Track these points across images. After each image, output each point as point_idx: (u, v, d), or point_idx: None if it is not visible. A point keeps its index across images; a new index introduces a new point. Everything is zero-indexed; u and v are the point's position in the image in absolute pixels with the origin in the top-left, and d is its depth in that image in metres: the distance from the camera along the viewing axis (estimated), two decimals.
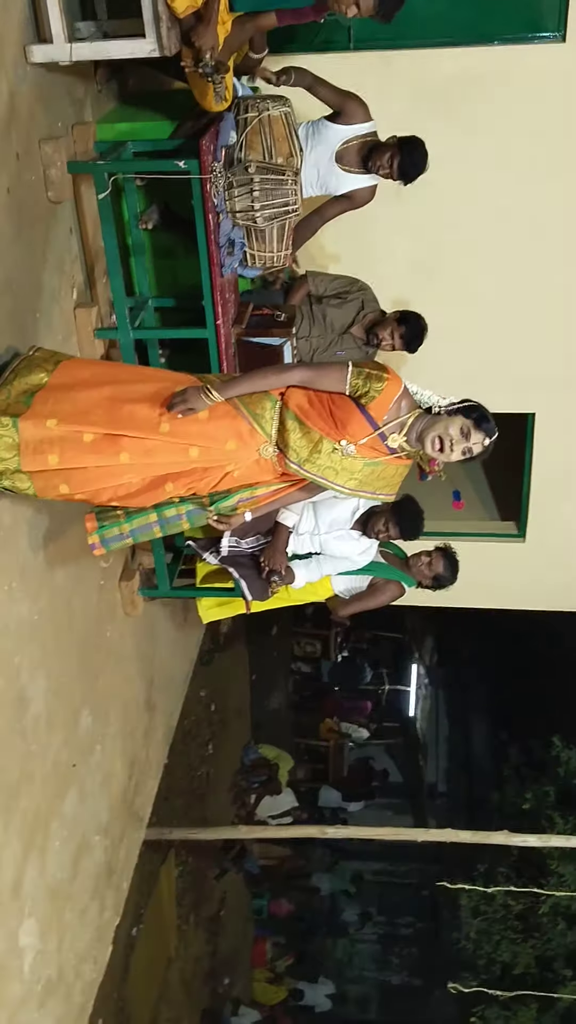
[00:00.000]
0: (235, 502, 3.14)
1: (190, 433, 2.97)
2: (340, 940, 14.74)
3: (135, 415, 2.94)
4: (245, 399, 3.03)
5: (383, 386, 2.95)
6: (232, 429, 3.00)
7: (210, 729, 8.98)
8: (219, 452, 3.01)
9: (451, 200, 5.07)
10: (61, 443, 2.90)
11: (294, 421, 2.99)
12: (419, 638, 14.71)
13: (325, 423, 2.98)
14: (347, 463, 3.00)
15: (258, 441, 3.02)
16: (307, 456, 3.00)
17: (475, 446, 2.95)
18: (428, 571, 4.39)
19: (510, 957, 9.26)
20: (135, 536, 3.21)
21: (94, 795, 4.24)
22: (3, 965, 3.35)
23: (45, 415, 2.90)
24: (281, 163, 3.65)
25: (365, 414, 2.97)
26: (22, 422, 2.88)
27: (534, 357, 5.53)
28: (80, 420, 2.91)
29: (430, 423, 2.95)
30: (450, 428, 2.91)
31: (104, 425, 2.92)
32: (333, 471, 3.02)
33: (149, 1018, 7.44)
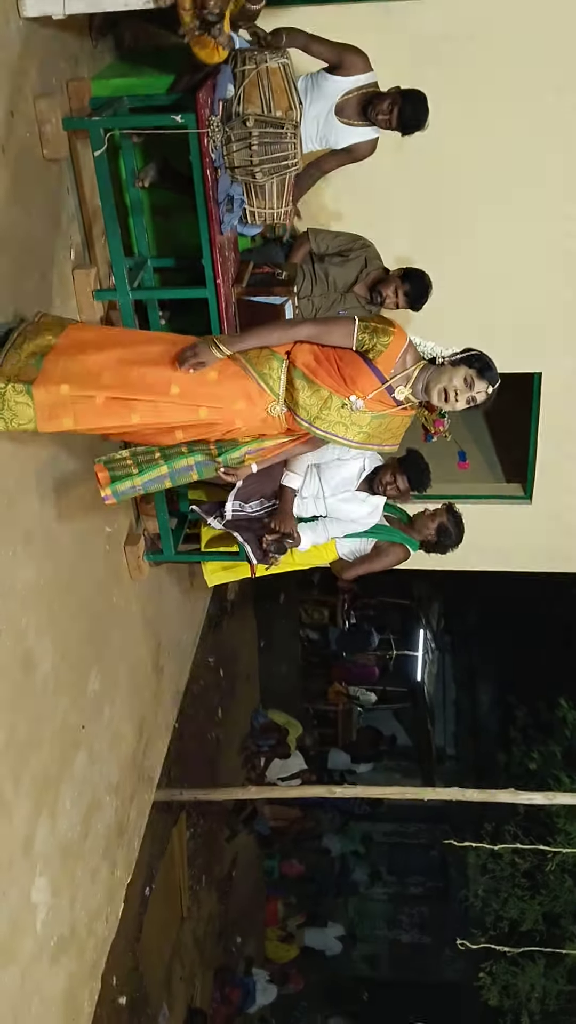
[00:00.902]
0: (242, 454, 3.22)
1: (199, 395, 3.03)
2: (350, 899, 14.93)
3: (145, 378, 2.99)
4: (252, 359, 3.07)
5: (390, 340, 3.01)
6: (241, 389, 3.06)
7: (219, 694, 9.03)
8: (228, 411, 3.07)
9: (455, 155, 4.98)
10: (75, 407, 2.97)
11: (302, 380, 3.04)
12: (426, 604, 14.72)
13: (334, 380, 3.03)
14: (356, 417, 3.07)
15: (266, 400, 3.08)
16: (317, 413, 3.07)
17: (479, 395, 3.02)
18: (431, 523, 4.37)
19: (518, 914, 9.39)
20: (146, 487, 3.28)
21: (103, 756, 4.28)
22: (16, 921, 3.39)
23: (57, 380, 2.94)
24: (280, 116, 3.58)
25: (372, 368, 3.02)
26: (35, 388, 2.92)
27: (540, 316, 5.47)
28: (91, 384, 2.96)
29: (435, 374, 3.03)
30: (454, 379, 2.99)
31: (115, 389, 2.97)
32: (343, 426, 3.09)
33: (162, 976, 7.56)
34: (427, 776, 14.65)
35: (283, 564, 4.62)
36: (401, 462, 4.22)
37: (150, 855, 6.83)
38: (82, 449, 3.93)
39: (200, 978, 8.92)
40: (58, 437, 3.67)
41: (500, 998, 9.50)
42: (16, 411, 2.93)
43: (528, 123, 4.96)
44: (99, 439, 3.49)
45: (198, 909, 8.71)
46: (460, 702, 16.54)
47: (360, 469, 4.27)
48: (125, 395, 2.98)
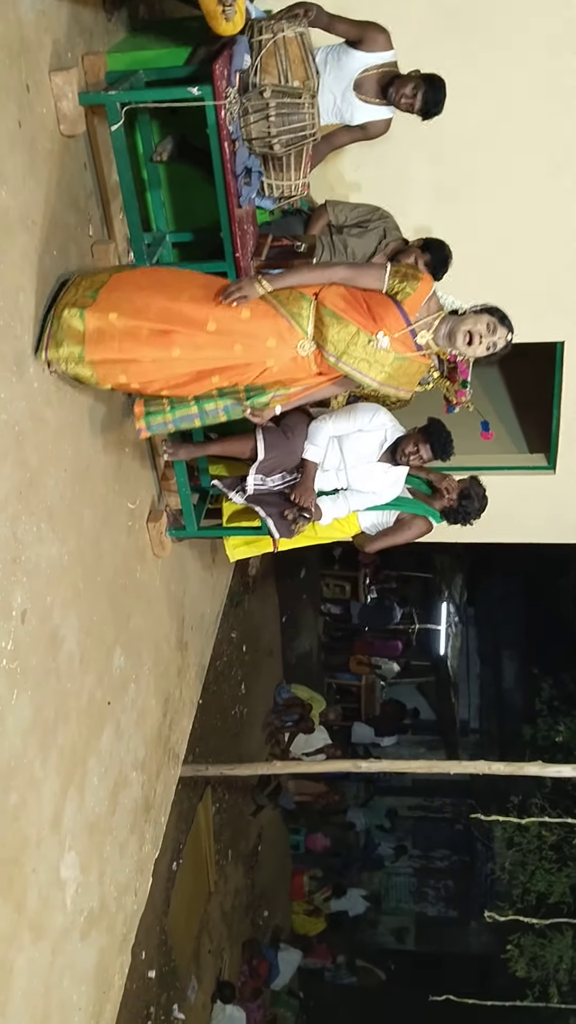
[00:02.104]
0: (269, 399, 3.45)
1: (235, 331, 3.29)
2: (376, 873, 15.04)
3: (184, 312, 3.27)
4: (283, 300, 3.33)
5: (418, 284, 3.30)
6: (272, 328, 3.31)
7: (242, 670, 9.08)
8: (261, 349, 3.32)
9: (473, 123, 4.90)
10: (121, 335, 3.25)
11: (331, 317, 3.28)
12: (448, 577, 14.70)
13: (363, 317, 3.28)
14: (380, 356, 3.31)
15: (296, 338, 3.32)
16: (344, 349, 3.29)
17: (499, 340, 3.35)
18: (454, 488, 4.36)
19: (545, 886, 9.41)
20: (177, 424, 3.59)
21: (129, 732, 4.30)
22: (46, 897, 3.43)
23: (108, 309, 3.24)
24: (297, 86, 3.54)
25: (400, 310, 3.29)
26: (88, 313, 3.22)
27: (562, 284, 5.39)
28: (138, 315, 3.25)
29: (459, 321, 3.34)
30: (478, 324, 3.31)
31: (159, 321, 3.25)
32: (367, 363, 3.32)
33: (191, 949, 7.66)
34: (451, 749, 14.69)
35: (305, 538, 4.62)
36: (423, 431, 4.22)
37: (177, 830, 6.90)
38: (105, 425, 3.93)
39: (228, 951, 9.03)
40: (84, 408, 3.67)
41: (528, 970, 9.54)
42: (67, 333, 3.21)
43: (547, 88, 4.88)
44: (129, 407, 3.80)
45: (225, 883, 8.80)
46: (484, 675, 16.55)
47: (382, 440, 4.25)
48: (167, 327, 3.25)
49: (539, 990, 9.53)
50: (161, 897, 6.65)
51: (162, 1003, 6.81)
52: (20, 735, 3.18)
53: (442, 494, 4.43)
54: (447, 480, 4.44)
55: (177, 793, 5.42)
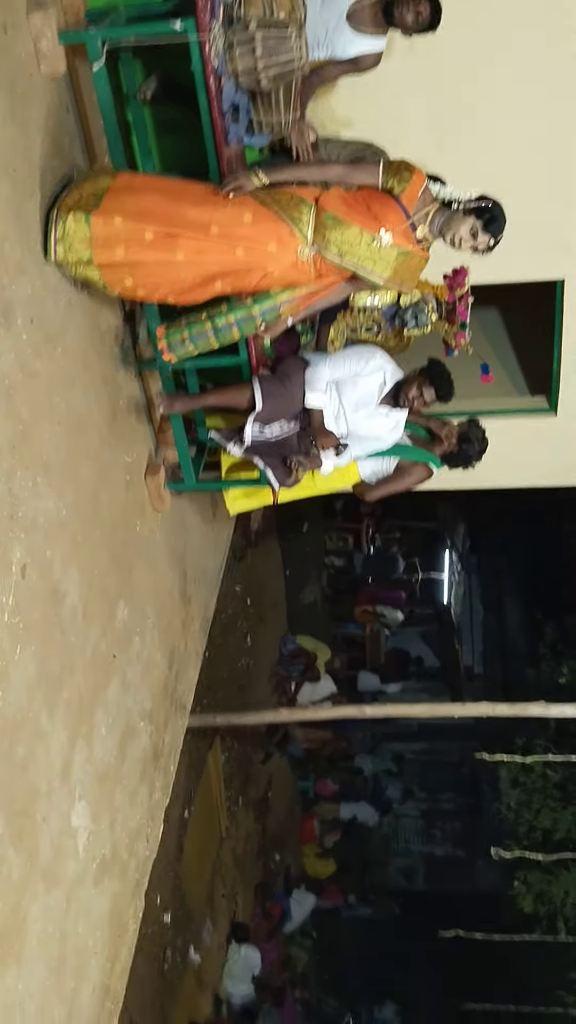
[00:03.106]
0: (277, 304, 3.59)
1: (236, 235, 3.38)
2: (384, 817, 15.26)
3: (188, 216, 3.35)
4: (284, 205, 3.41)
5: (412, 176, 3.42)
6: (273, 232, 3.40)
7: (247, 623, 9.12)
8: (262, 253, 3.41)
9: (469, 53, 4.76)
10: (127, 239, 3.34)
11: (333, 220, 3.39)
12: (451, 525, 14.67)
13: (364, 216, 3.38)
14: (384, 253, 3.43)
15: (296, 242, 3.42)
16: (348, 249, 3.42)
17: (480, 244, 3.50)
18: (453, 432, 4.33)
19: (551, 824, 9.56)
20: (195, 342, 3.75)
21: (136, 684, 4.32)
22: (59, 846, 3.47)
23: (113, 212, 3.32)
24: (283, 17, 3.41)
25: (399, 203, 3.40)
26: (93, 217, 3.30)
27: (562, 221, 5.28)
28: (142, 218, 3.33)
29: (448, 219, 3.48)
30: (462, 228, 3.47)
31: (163, 224, 3.33)
32: (371, 260, 3.45)
33: (205, 893, 7.81)
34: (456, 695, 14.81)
35: (305, 489, 4.59)
36: (425, 372, 4.16)
37: (187, 779, 6.99)
38: (98, 378, 3.88)
39: (241, 895, 9.21)
40: (77, 362, 3.62)
41: (535, 905, 9.73)
42: (75, 237, 3.30)
43: (545, 14, 4.72)
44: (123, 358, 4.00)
45: (236, 829, 8.94)
46: (487, 621, 16.60)
47: (381, 382, 4.20)
48: (171, 230, 3.34)
49: (546, 924, 9.72)
50: (174, 844, 6.76)
51: (178, 945, 6.96)
52: (25, 689, 3.19)
53: (441, 440, 4.38)
54: (447, 427, 4.39)
55: (187, 743, 5.48)
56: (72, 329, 3.61)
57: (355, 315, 4.49)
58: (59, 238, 3.32)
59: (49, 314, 3.41)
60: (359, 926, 13.78)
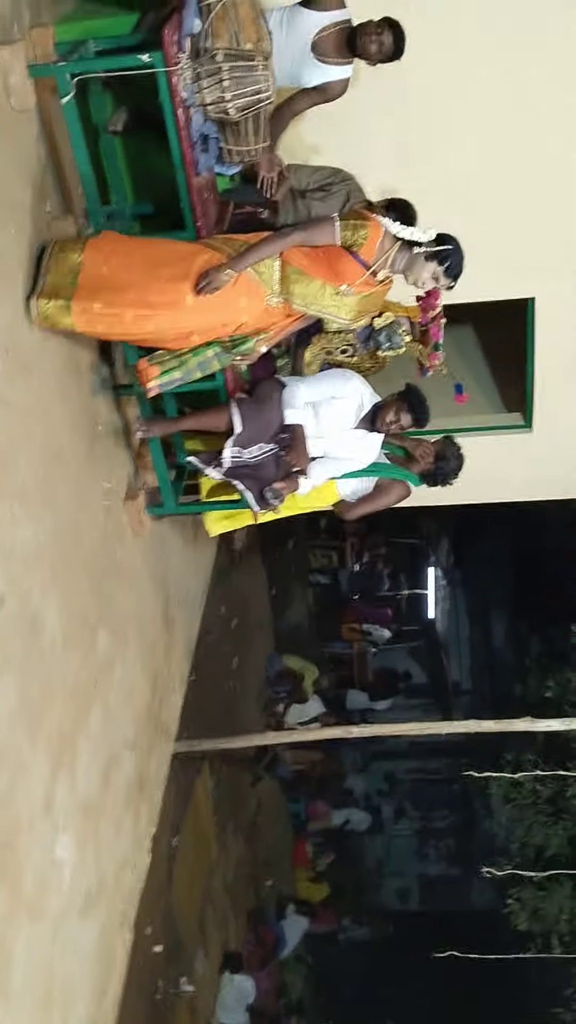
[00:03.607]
0: (253, 343, 3.80)
1: (210, 302, 3.58)
2: (377, 836, 15.19)
3: (164, 294, 3.55)
4: None
5: (368, 232, 3.59)
6: (243, 287, 3.61)
7: (233, 644, 9.08)
8: (235, 309, 3.65)
9: (434, 78, 4.83)
10: (107, 319, 3.56)
11: (297, 275, 3.61)
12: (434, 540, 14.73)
13: (326, 271, 3.60)
14: (346, 301, 3.68)
15: (264, 293, 3.65)
16: (312, 300, 3.67)
17: (441, 287, 3.75)
18: (429, 452, 4.36)
19: (542, 840, 9.51)
20: (183, 370, 3.87)
21: (118, 711, 4.30)
22: (43, 879, 3.44)
23: (91, 298, 3.51)
24: (250, 48, 3.46)
25: (358, 259, 3.59)
26: (73, 303, 3.49)
27: (530, 240, 5.36)
28: (119, 301, 3.53)
29: (409, 263, 3.68)
30: (423, 273, 3.68)
31: (139, 307, 3.54)
32: (335, 307, 3.69)
33: (196, 921, 7.72)
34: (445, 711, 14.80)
35: (285, 509, 4.59)
36: (403, 397, 4.20)
37: (175, 806, 6.92)
38: (75, 405, 3.88)
39: (233, 922, 9.12)
40: (52, 390, 3.63)
41: (529, 923, 9.67)
42: (56, 319, 3.51)
43: (509, 38, 4.81)
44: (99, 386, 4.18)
45: (227, 855, 8.86)
46: (473, 636, 16.63)
47: (358, 405, 4.23)
48: (147, 312, 3.55)
49: (541, 942, 9.66)
50: (163, 873, 6.69)
51: (170, 976, 6.88)
52: (6, 719, 3.17)
53: (418, 460, 4.41)
54: (421, 447, 4.42)
55: (174, 769, 5.44)
56: (48, 357, 3.63)
57: (330, 337, 4.53)
58: (42, 316, 3.50)
59: (24, 343, 3.43)
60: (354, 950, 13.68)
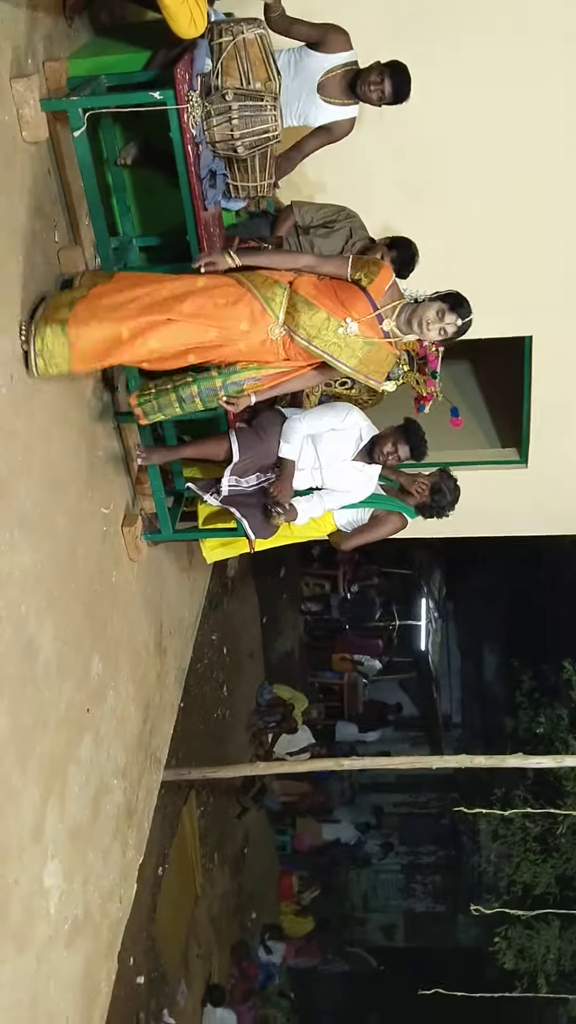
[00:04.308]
0: (243, 379, 3.68)
1: (211, 316, 3.46)
2: (364, 871, 15.06)
3: (162, 305, 3.45)
4: (259, 285, 3.53)
5: (379, 271, 3.56)
6: (247, 311, 3.50)
7: (223, 672, 9.07)
8: (235, 331, 3.52)
9: (436, 120, 4.93)
10: (105, 343, 3.41)
11: (303, 303, 3.52)
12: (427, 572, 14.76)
13: (332, 303, 3.52)
14: (350, 341, 3.55)
15: (267, 322, 3.52)
16: (315, 334, 3.53)
17: (448, 326, 3.59)
18: (425, 485, 4.39)
19: (531, 877, 9.46)
20: (163, 411, 3.81)
21: (109, 739, 4.29)
22: (29, 907, 3.41)
23: (87, 318, 3.38)
24: (259, 88, 3.53)
25: (366, 295, 3.53)
26: (69, 328, 3.35)
27: (529, 279, 5.43)
28: (117, 318, 3.40)
29: (415, 308, 3.60)
30: (429, 311, 3.57)
31: (137, 316, 3.40)
32: (338, 347, 3.56)
33: (179, 954, 7.65)
34: (435, 744, 14.75)
35: (281, 538, 4.62)
36: (400, 430, 4.23)
37: (162, 835, 6.89)
38: (76, 432, 3.91)
39: (217, 955, 9.03)
40: (54, 416, 3.66)
41: (516, 961, 9.59)
42: (53, 350, 3.34)
43: (509, 85, 4.91)
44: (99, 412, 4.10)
45: (211, 887, 8.80)
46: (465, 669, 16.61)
47: (357, 438, 4.27)
48: (145, 323, 3.41)
49: (528, 981, 9.58)
50: (148, 903, 6.64)
51: (152, 1009, 6.81)
52: None
53: (414, 491, 4.45)
54: (417, 482, 4.45)
55: (161, 798, 5.41)
56: (50, 385, 3.66)
57: None
58: (38, 351, 3.35)
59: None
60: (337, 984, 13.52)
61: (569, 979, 9.75)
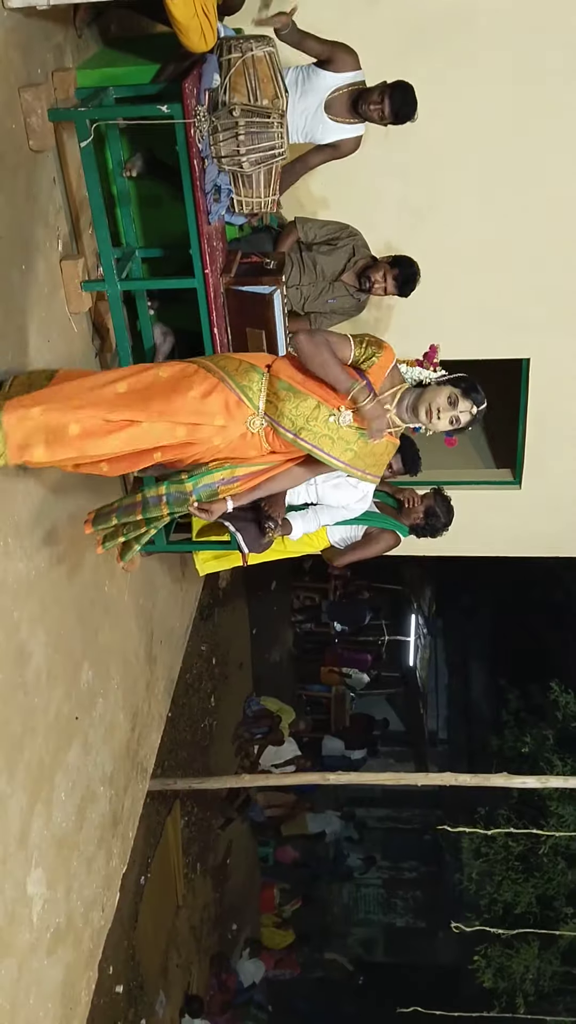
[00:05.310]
0: (217, 480, 3.13)
1: (178, 411, 2.96)
2: (345, 885, 15.02)
3: (120, 395, 2.94)
4: (232, 372, 3.04)
5: (382, 353, 3.03)
6: (221, 403, 2.99)
7: (212, 683, 9.06)
8: (209, 428, 3.01)
9: (440, 141, 4.97)
10: (46, 433, 2.87)
11: (287, 390, 3.00)
12: (417, 589, 14.78)
13: (323, 389, 3.00)
14: (343, 433, 3.02)
15: (245, 414, 3.02)
16: (303, 424, 3.00)
17: (462, 414, 3.09)
18: (419, 505, 4.41)
19: (512, 897, 9.46)
20: (119, 516, 3.31)
21: (97, 747, 4.29)
22: (12, 914, 3.41)
23: (28, 403, 2.87)
24: (266, 105, 3.57)
25: (364, 379, 2.99)
26: (4, 414, 2.85)
27: (528, 302, 5.47)
28: (66, 407, 2.87)
29: (423, 393, 3.08)
30: (439, 397, 3.04)
31: (90, 407, 2.89)
32: (329, 440, 3.03)
33: (159, 964, 7.62)
34: (420, 761, 14.74)
35: (275, 552, 4.63)
36: None
37: (145, 844, 6.87)
38: None
39: (197, 965, 8.99)
40: None
41: (495, 980, 9.58)
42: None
43: (513, 106, 4.96)
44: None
45: (193, 897, 8.76)
46: (452, 686, 16.62)
47: None
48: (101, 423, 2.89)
49: (506, 1001, 9.56)
50: (129, 912, 6.62)
51: (130, 1018, 6.77)
52: None
53: (409, 511, 4.47)
54: (414, 510, 4.47)
55: (145, 807, 5.40)
56: None
57: None
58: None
59: None
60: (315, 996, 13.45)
61: (547, 999, 9.75)
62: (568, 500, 6.20)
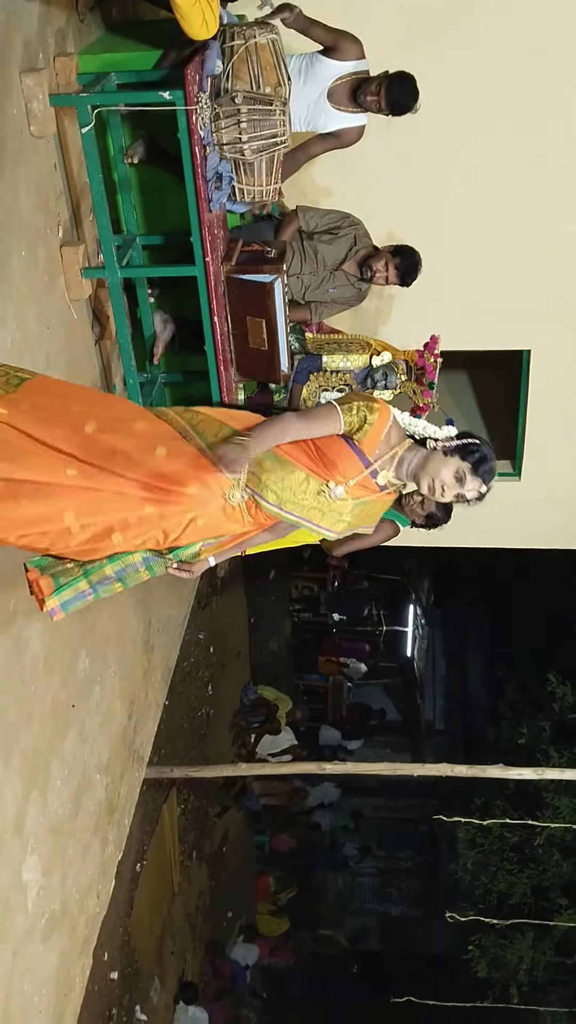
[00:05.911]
0: (198, 548, 2.74)
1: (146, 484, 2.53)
2: (341, 874, 15.08)
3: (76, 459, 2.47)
4: (208, 438, 2.62)
5: (376, 418, 2.66)
6: (192, 470, 2.57)
7: (209, 671, 9.08)
8: (180, 502, 2.57)
9: (444, 132, 4.95)
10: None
11: (273, 460, 2.66)
12: (416, 579, 14.80)
13: (312, 460, 2.69)
14: (335, 505, 2.70)
15: (223, 484, 2.60)
16: (289, 497, 2.67)
17: (469, 493, 2.71)
18: (421, 510, 4.41)
19: (506, 887, 9.50)
20: (97, 592, 2.75)
21: (94, 735, 4.29)
22: (7, 900, 3.42)
23: None
24: (269, 92, 3.54)
25: (356, 451, 2.68)
26: None
27: (529, 293, 5.46)
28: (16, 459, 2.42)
29: (425, 461, 2.69)
30: (443, 471, 2.66)
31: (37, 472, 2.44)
32: (319, 512, 2.71)
33: (154, 951, 7.65)
34: (417, 751, 14.78)
35: (273, 542, 4.62)
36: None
37: (141, 832, 6.89)
38: None
39: (191, 952, 9.03)
40: None
41: (489, 970, 9.63)
42: None
43: (517, 96, 4.94)
44: None
45: (189, 884, 8.79)
46: (450, 677, 16.65)
47: None
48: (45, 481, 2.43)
49: (500, 990, 9.62)
50: (124, 899, 6.64)
51: (124, 1004, 6.80)
52: None
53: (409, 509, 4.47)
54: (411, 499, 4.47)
55: (142, 794, 5.42)
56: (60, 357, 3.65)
57: (327, 376, 4.59)
58: None
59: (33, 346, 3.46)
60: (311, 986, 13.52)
61: (541, 989, 9.80)
62: (567, 492, 6.19)
